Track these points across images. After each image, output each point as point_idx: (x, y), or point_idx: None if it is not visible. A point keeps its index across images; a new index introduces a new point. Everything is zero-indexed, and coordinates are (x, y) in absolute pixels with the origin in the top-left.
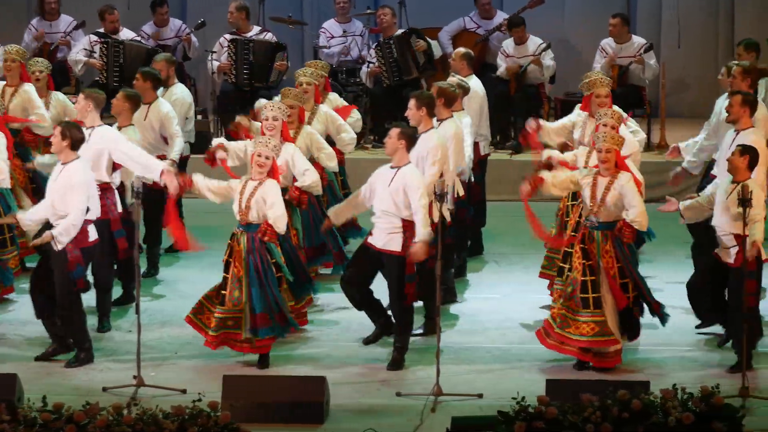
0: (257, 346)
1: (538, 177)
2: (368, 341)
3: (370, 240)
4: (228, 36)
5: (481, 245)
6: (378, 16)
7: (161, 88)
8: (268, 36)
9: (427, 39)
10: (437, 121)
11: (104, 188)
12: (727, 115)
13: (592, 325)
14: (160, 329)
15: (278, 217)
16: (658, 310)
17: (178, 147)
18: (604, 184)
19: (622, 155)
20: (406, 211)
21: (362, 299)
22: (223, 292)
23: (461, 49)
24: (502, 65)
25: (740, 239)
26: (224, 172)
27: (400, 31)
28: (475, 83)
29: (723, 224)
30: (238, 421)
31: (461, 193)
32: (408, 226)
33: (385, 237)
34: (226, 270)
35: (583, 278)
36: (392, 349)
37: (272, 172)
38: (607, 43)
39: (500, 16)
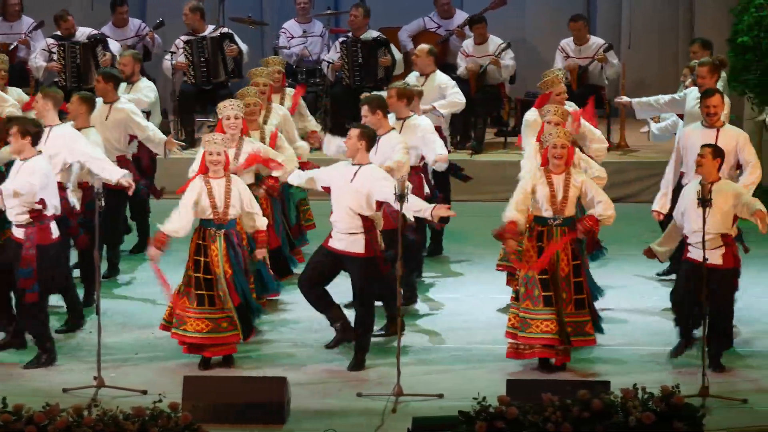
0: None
1: (509, 224)
2: (330, 346)
3: (330, 243)
4: (183, 37)
5: (441, 246)
6: (351, 14)
7: (125, 84)
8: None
9: (395, 55)
10: (397, 120)
11: (60, 187)
12: (710, 116)
13: (555, 322)
14: (121, 330)
15: (258, 216)
16: (594, 317)
17: (156, 133)
18: (562, 180)
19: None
20: (369, 210)
21: (319, 301)
22: (207, 292)
23: (425, 46)
24: (462, 65)
25: (729, 239)
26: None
27: (371, 34)
28: (444, 78)
29: (708, 226)
30: (199, 422)
31: (427, 191)
32: (369, 226)
33: (346, 239)
34: (207, 270)
35: (540, 276)
36: (353, 349)
37: (226, 166)
38: (566, 43)
39: (461, 16)
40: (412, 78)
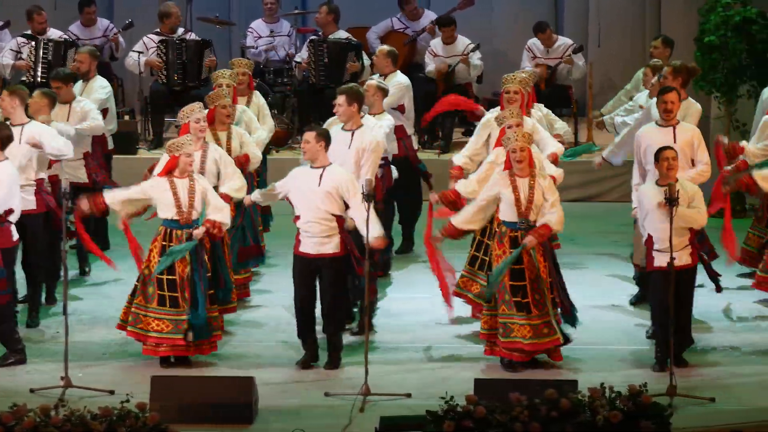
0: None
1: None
2: (300, 362)
3: (303, 249)
4: (155, 36)
5: (412, 242)
6: (318, 11)
7: (81, 82)
8: (192, 36)
9: (364, 62)
10: (370, 115)
11: (39, 183)
12: (667, 111)
13: (528, 328)
14: (88, 330)
15: (224, 211)
16: (569, 312)
17: (88, 124)
18: (526, 184)
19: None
20: (341, 210)
21: (309, 321)
22: (170, 293)
23: (384, 47)
24: (431, 64)
25: (695, 234)
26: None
27: (340, 34)
28: (400, 78)
29: (676, 225)
30: (167, 422)
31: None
32: (341, 225)
33: (320, 242)
34: (172, 272)
35: (512, 282)
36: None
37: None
38: (534, 44)
39: (428, 16)
40: (375, 78)
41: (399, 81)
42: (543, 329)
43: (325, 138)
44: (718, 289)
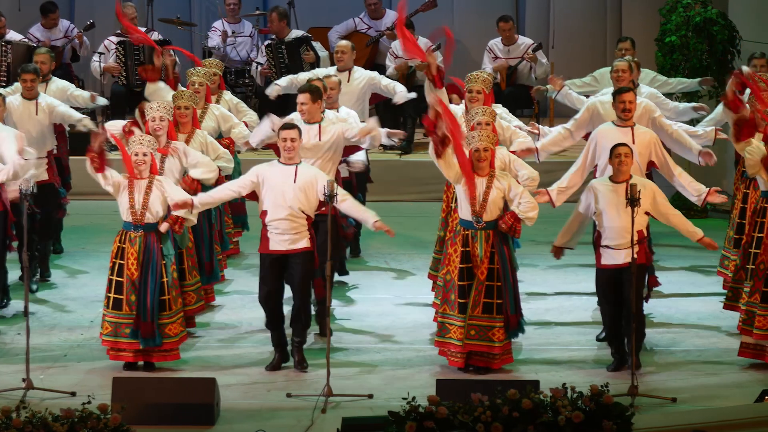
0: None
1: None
2: (270, 366)
3: (272, 247)
4: (114, 38)
5: (359, 247)
6: (268, 19)
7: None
8: (155, 35)
9: (318, 51)
10: (327, 110)
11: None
12: (625, 111)
13: (462, 330)
14: (49, 332)
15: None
16: (515, 322)
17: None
18: (483, 183)
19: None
20: (310, 209)
21: (277, 316)
22: (115, 295)
23: (348, 42)
24: (391, 66)
25: (642, 235)
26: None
27: (294, 34)
28: (359, 73)
29: (627, 223)
30: (129, 423)
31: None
32: (310, 221)
33: (289, 239)
34: (120, 273)
35: (460, 283)
36: (293, 348)
37: (153, 168)
38: (495, 44)
39: (390, 16)
40: (332, 71)
41: (362, 74)
42: (480, 333)
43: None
44: (646, 297)
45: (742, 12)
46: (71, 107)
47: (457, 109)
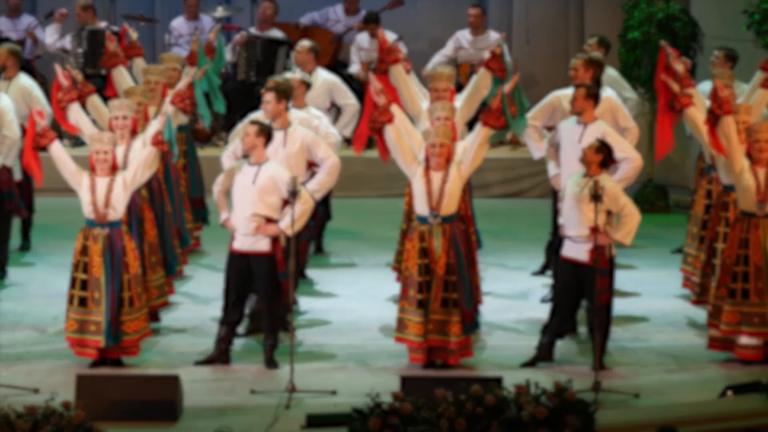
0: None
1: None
2: (200, 362)
3: (236, 246)
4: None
5: (321, 245)
6: (261, 7)
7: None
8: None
9: (293, 61)
10: (293, 109)
11: None
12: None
13: (422, 326)
14: (12, 329)
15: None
16: (471, 317)
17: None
18: (440, 178)
19: None
20: (276, 214)
21: (232, 312)
22: (80, 293)
23: (306, 43)
24: (356, 61)
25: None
26: None
27: (277, 35)
28: (322, 74)
29: (581, 221)
30: (92, 420)
31: None
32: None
33: (252, 238)
34: (84, 271)
35: (419, 278)
36: (264, 348)
37: (114, 165)
38: (463, 35)
39: (363, 14)
40: (298, 72)
41: (324, 78)
42: (438, 327)
43: (266, 135)
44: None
45: (704, 8)
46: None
47: (423, 106)
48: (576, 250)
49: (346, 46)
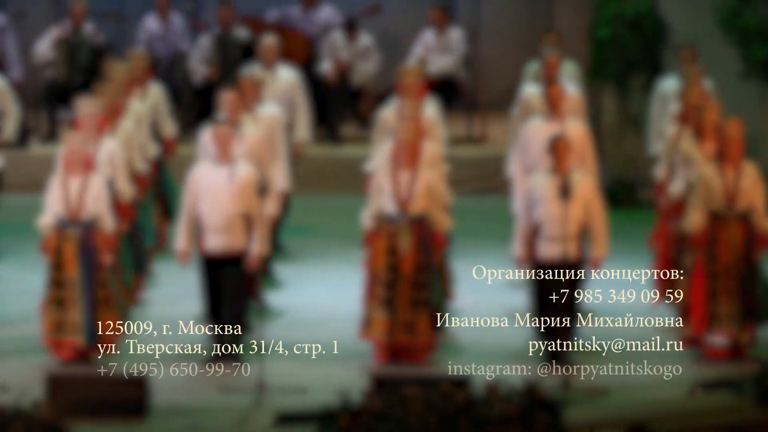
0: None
1: None
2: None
3: (210, 247)
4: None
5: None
6: (219, 11)
7: None
8: (88, 28)
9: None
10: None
11: None
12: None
13: (387, 325)
14: None
15: (106, 217)
16: (440, 316)
17: None
18: (407, 178)
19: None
20: (247, 207)
21: (215, 308)
22: (55, 292)
23: (271, 41)
24: (327, 62)
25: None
26: None
27: (241, 34)
28: (285, 72)
29: (571, 218)
30: (61, 419)
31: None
32: (248, 222)
33: (226, 239)
34: (59, 270)
35: (386, 277)
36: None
37: (87, 165)
38: (427, 34)
39: (325, 11)
40: (256, 69)
41: (287, 79)
42: (405, 326)
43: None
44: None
45: (672, 6)
46: None
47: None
48: (554, 251)
49: (317, 47)
